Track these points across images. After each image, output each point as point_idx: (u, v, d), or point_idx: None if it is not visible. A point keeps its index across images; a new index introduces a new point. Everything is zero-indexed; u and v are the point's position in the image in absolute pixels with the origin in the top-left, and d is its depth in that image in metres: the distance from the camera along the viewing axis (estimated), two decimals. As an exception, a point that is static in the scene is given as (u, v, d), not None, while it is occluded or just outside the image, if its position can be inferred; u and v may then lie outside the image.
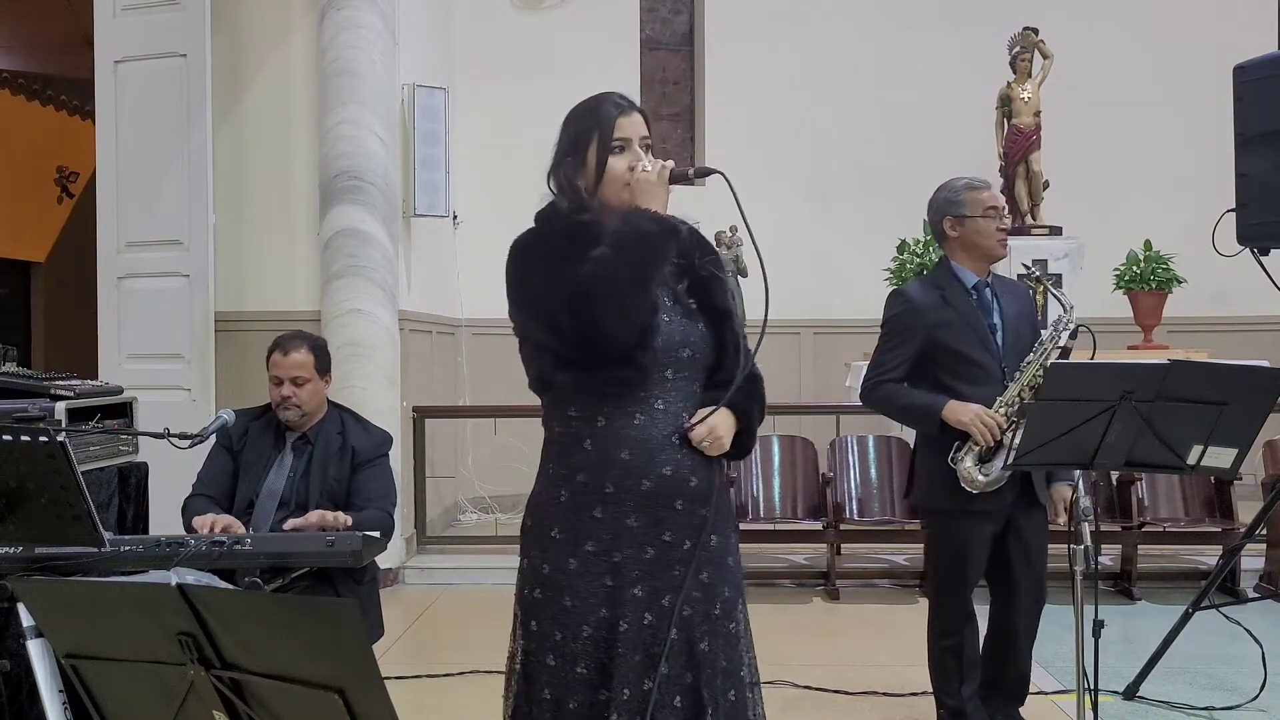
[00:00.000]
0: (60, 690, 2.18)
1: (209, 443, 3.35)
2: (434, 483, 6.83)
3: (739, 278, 7.34)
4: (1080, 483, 2.96)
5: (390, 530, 3.38)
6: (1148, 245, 7.30)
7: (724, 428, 2.15)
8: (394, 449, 3.72)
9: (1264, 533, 5.31)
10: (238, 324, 5.91)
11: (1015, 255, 6.45)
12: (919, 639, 3.51)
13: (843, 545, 6.26)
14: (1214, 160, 5.66)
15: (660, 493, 2.11)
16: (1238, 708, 3.95)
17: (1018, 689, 3.45)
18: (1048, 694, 4.06)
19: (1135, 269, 7.25)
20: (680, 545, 2.13)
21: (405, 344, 6.27)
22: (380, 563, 3.75)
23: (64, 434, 2.85)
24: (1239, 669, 4.25)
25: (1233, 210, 4.34)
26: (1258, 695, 3.96)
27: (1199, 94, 7.85)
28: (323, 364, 3.56)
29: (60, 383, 3.75)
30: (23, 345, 10.31)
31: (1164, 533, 5.81)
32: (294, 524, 3.23)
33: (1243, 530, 4.85)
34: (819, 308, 8.52)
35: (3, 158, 10.03)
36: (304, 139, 6.08)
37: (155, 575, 2.52)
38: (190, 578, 2.42)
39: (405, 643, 4.97)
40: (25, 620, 2.17)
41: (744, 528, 5.92)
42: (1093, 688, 2.94)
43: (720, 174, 2.17)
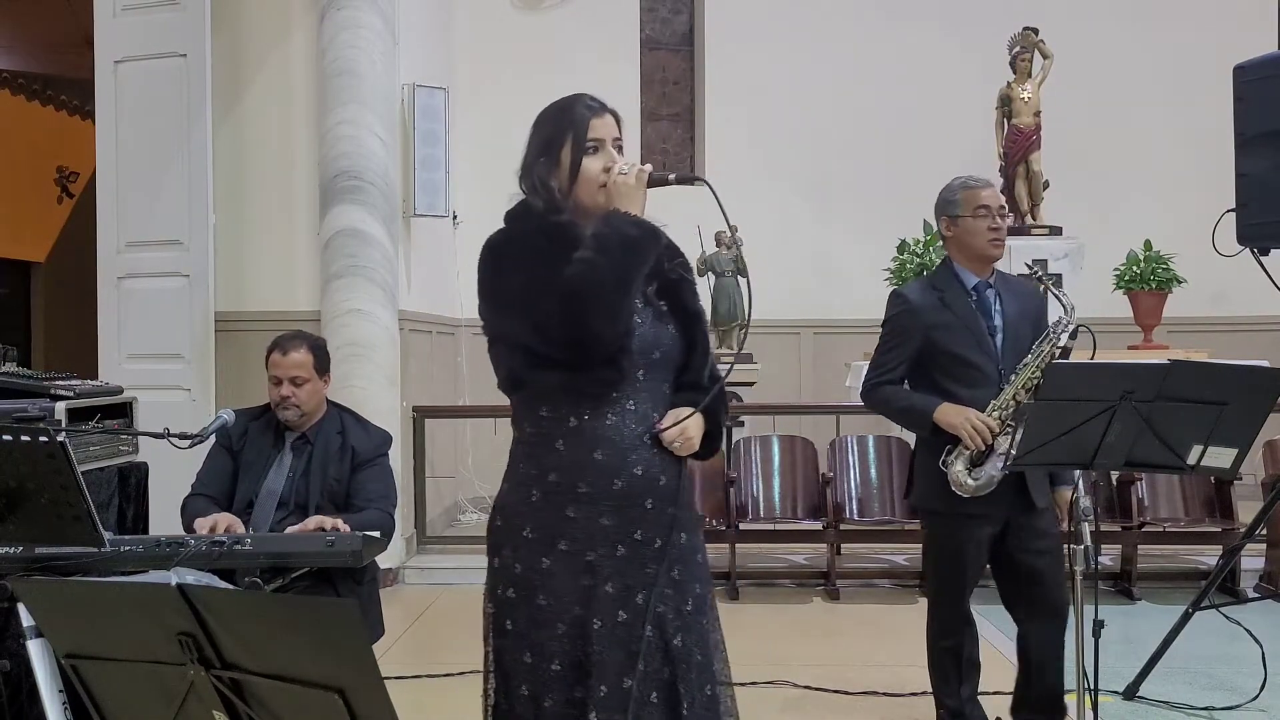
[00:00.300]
0: (60, 690, 2.18)
1: (209, 443, 3.36)
2: (434, 483, 6.82)
3: (740, 277, 7.36)
4: (1080, 483, 2.95)
5: (390, 530, 3.38)
6: (1148, 245, 7.30)
7: (695, 429, 2.19)
8: (394, 449, 3.72)
9: (1264, 533, 5.31)
10: (238, 324, 5.91)
11: (1015, 255, 6.50)
12: (919, 639, 3.50)
13: (843, 545, 6.25)
14: (1214, 160, 5.65)
15: (632, 492, 2.15)
16: (1238, 708, 3.94)
17: (1046, 705, 3.33)
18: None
19: (1135, 269, 7.25)
20: (651, 543, 2.16)
21: (405, 344, 6.27)
22: (380, 563, 3.75)
23: (64, 434, 2.85)
24: (1239, 669, 4.24)
25: (1233, 210, 4.34)
26: (1258, 695, 3.96)
27: (1199, 94, 7.85)
28: (322, 363, 3.56)
29: (60, 383, 3.75)
30: (23, 345, 10.30)
31: (1164, 533, 5.80)
32: (293, 530, 3.23)
33: (1243, 530, 4.85)
34: (819, 308, 8.51)
35: (3, 158, 10.03)
36: (304, 139, 6.08)
37: (155, 575, 2.52)
38: (190, 578, 2.42)
39: (405, 643, 4.97)
40: (25, 620, 2.17)
41: (744, 528, 5.94)
42: (1093, 688, 2.94)
43: (704, 182, 2.18)
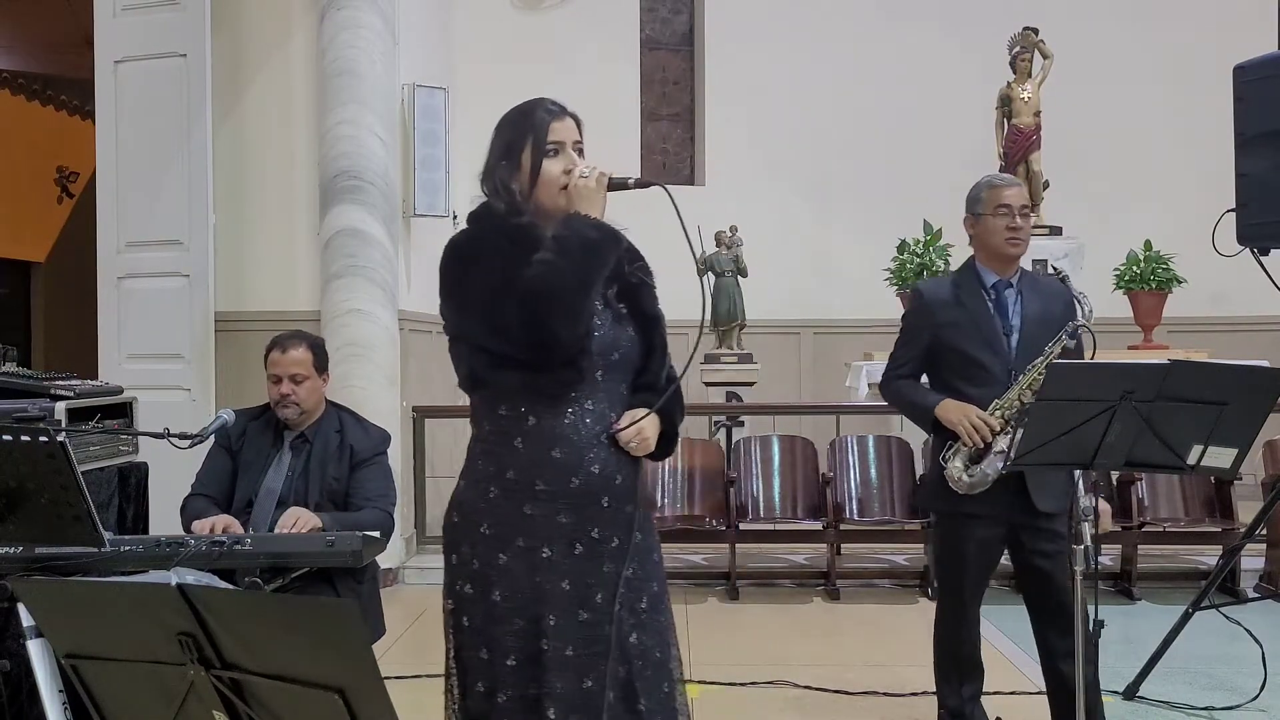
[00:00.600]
0: (60, 690, 2.18)
1: (208, 443, 3.35)
2: (434, 483, 6.82)
3: (739, 277, 7.36)
4: (1081, 483, 2.95)
5: (390, 529, 3.38)
6: (1148, 245, 7.31)
7: (651, 430, 2.22)
8: (394, 449, 3.72)
9: (1264, 533, 5.30)
10: (238, 324, 5.91)
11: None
12: (919, 639, 3.50)
13: (843, 545, 6.25)
14: (1214, 160, 5.65)
15: (589, 490, 2.17)
16: (1238, 708, 3.94)
17: (1067, 711, 3.25)
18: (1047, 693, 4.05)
19: (1135, 269, 7.25)
20: (608, 541, 2.18)
21: (405, 344, 6.26)
22: (380, 562, 3.75)
23: (64, 434, 2.85)
24: (1239, 669, 4.24)
25: (1233, 210, 4.34)
26: (1258, 695, 3.96)
27: (1199, 94, 7.86)
28: (321, 362, 3.57)
29: (60, 383, 3.75)
30: (23, 345, 10.31)
31: (1164, 533, 5.80)
32: (280, 530, 3.20)
33: (1243, 530, 4.85)
34: (819, 308, 8.48)
35: (3, 158, 10.03)
36: (304, 139, 6.07)
37: (155, 575, 2.52)
38: (190, 578, 2.42)
39: (405, 643, 4.97)
40: (25, 620, 2.18)
41: (744, 528, 5.95)
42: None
43: (662, 186, 2.19)
